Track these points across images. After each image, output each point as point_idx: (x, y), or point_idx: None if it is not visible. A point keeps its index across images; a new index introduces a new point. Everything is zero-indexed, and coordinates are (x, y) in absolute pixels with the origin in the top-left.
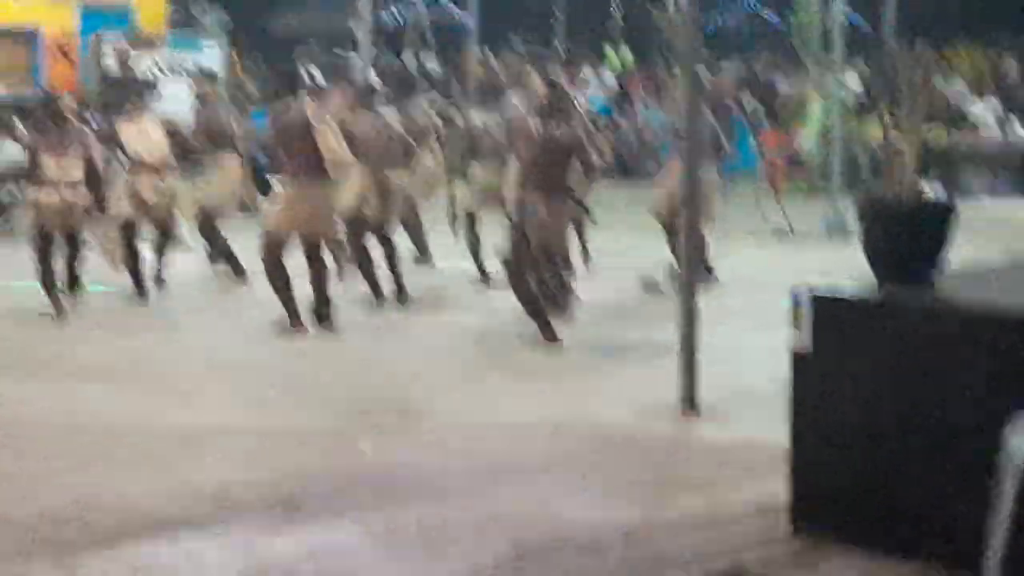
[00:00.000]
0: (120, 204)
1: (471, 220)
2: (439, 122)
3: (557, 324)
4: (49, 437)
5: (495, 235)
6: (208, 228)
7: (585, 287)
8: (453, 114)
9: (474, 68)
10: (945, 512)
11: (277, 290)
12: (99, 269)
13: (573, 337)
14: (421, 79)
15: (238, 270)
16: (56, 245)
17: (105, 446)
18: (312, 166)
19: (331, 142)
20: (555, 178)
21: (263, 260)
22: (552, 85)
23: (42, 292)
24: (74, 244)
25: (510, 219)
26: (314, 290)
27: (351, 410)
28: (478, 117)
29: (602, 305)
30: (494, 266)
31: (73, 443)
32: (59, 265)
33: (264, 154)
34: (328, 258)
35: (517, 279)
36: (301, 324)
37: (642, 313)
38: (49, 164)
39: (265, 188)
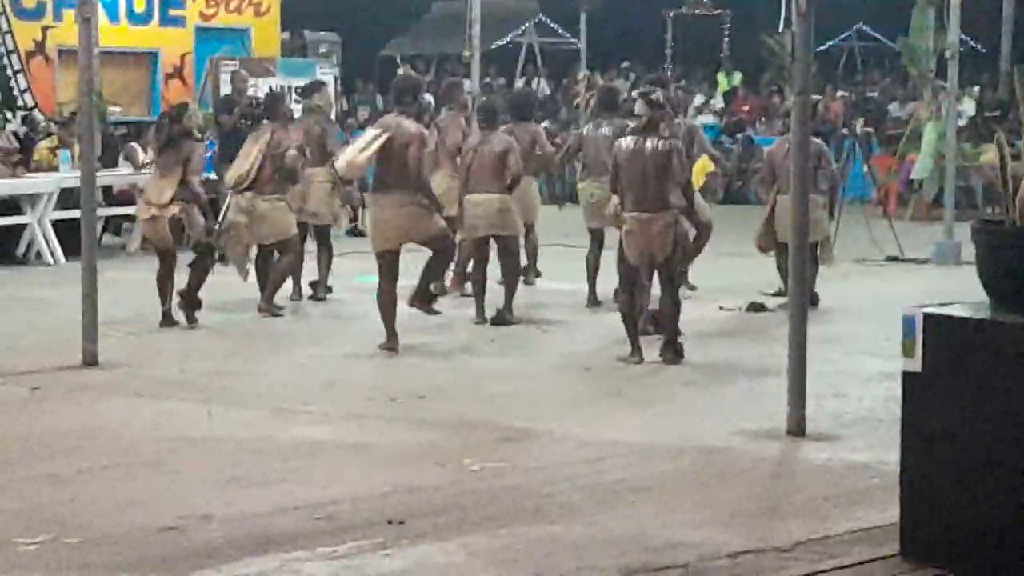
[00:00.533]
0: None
1: (595, 237)
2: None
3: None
4: (155, 453)
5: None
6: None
7: (692, 308)
8: (563, 136)
9: (583, 89)
10: None
11: (380, 306)
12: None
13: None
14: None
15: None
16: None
17: (210, 462)
18: (392, 179)
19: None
20: (650, 191)
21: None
22: (649, 102)
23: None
24: (167, 261)
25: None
26: (425, 271)
27: (456, 428)
28: (589, 134)
29: (708, 327)
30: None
31: (178, 459)
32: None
33: None
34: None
35: (617, 293)
36: (394, 346)
37: (749, 335)
38: (151, 181)
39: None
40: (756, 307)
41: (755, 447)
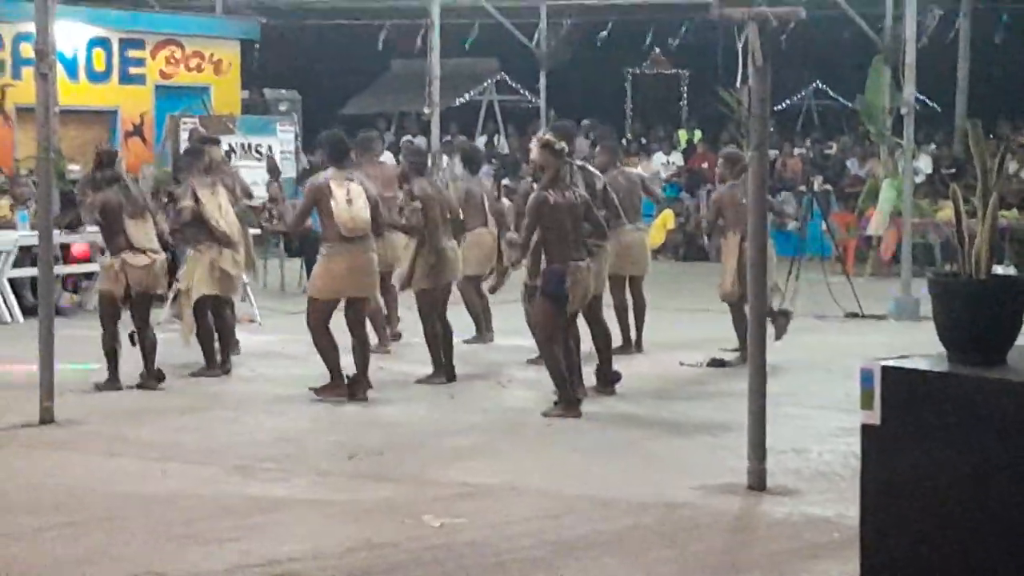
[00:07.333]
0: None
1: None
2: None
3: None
4: (109, 510)
5: None
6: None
7: (652, 363)
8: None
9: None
10: None
11: (324, 354)
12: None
13: (639, 413)
14: (491, 158)
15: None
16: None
17: (166, 519)
18: (335, 228)
19: (341, 208)
20: (579, 239)
21: (310, 327)
22: (554, 152)
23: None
24: None
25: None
26: (356, 358)
27: (416, 484)
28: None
29: (669, 382)
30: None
31: (133, 516)
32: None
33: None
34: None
35: (546, 346)
36: (344, 391)
37: (709, 391)
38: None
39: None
40: (717, 363)
41: (716, 502)
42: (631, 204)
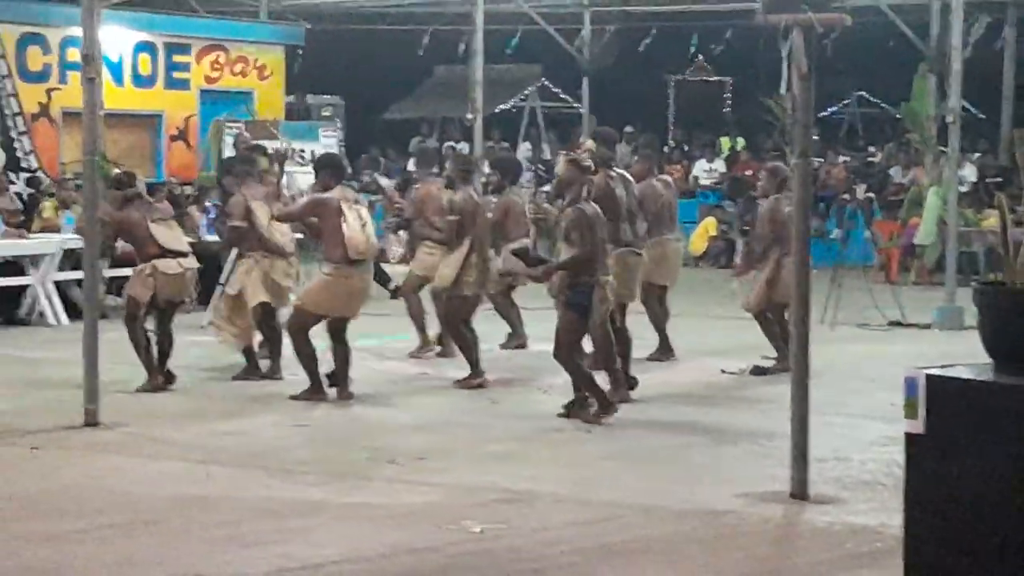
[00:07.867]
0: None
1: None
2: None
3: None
4: (152, 512)
5: None
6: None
7: (694, 371)
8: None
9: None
10: None
11: (304, 361)
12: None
13: (680, 420)
14: (535, 165)
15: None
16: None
17: (208, 521)
18: (342, 248)
19: (356, 231)
20: (604, 254)
21: (290, 333)
22: (578, 166)
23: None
24: None
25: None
26: (338, 365)
27: (456, 489)
28: None
29: (710, 389)
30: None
31: (176, 518)
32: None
33: None
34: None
35: (568, 360)
36: (324, 394)
37: (751, 398)
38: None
39: None
40: (759, 371)
41: (758, 510)
42: (669, 214)
